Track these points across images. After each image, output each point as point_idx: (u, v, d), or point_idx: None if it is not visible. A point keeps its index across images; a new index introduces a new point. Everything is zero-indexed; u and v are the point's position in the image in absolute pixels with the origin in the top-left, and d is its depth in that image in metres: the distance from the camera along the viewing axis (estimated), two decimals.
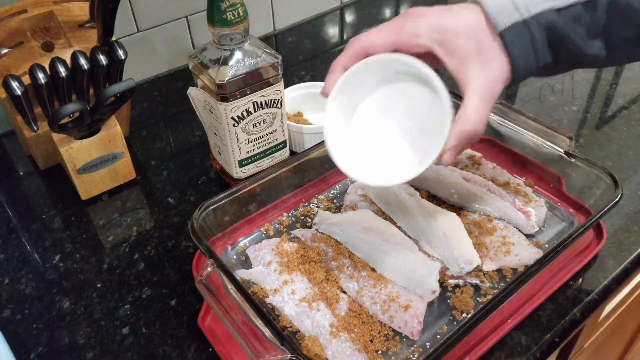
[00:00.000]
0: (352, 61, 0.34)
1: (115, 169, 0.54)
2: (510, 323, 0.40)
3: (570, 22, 0.32)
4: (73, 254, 0.49)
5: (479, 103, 0.32)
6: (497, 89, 0.33)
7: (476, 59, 0.32)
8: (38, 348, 0.41)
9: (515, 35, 0.32)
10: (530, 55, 0.32)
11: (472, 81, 0.32)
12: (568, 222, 0.47)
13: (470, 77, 0.32)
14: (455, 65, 0.33)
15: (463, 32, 0.32)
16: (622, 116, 0.61)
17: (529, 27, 0.32)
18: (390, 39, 0.33)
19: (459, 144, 0.33)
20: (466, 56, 0.32)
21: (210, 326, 0.41)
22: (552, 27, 0.32)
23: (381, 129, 0.37)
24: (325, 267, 0.43)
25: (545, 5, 0.32)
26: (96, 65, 0.48)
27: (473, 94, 0.32)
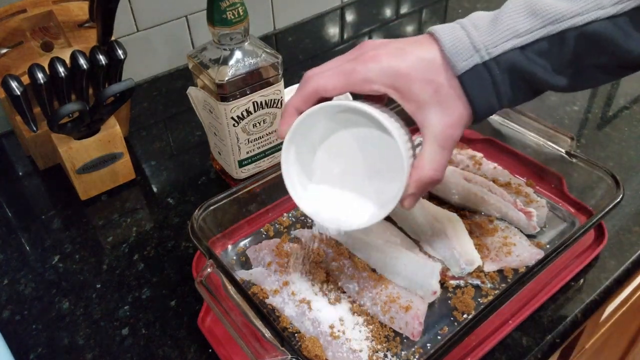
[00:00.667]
0: (304, 104, 0.33)
1: (115, 169, 0.54)
2: (511, 324, 0.40)
3: (535, 57, 0.30)
4: (72, 254, 0.49)
5: (435, 151, 0.31)
6: (455, 134, 0.31)
7: (433, 103, 0.31)
8: (37, 348, 0.41)
9: (474, 78, 0.30)
10: (491, 96, 0.31)
11: (429, 127, 0.31)
12: (569, 223, 0.47)
13: (427, 123, 0.31)
14: (412, 109, 0.31)
15: (418, 77, 0.31)
16: (623, 116, 0.61)
17: (490, 70, 0.30)
18: (341, 84, 0.32)
19: (417, 191, 0.32)
20: (422, 101, 0.31)
21: (209, 327, 0.41)
22: (515, 67, 0.30)
23: (340, 173, 0.36)
24: (325, 267, 0.43)
25: (507, 45, 0.30)
26: (95, 65, 0.47)
27: (430, 141, 0.31)
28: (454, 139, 0.32)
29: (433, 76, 0.31)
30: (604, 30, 0.29)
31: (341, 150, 0.36)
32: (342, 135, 0.36)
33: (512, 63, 0.30)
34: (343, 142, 0.36)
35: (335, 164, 0.36)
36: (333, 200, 0.36)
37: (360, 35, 0.80)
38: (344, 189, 0.36)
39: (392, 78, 0.31)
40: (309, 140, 0.35)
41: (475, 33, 0.30)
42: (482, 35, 0.30)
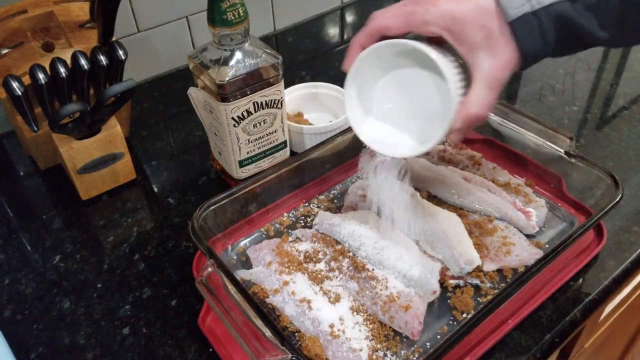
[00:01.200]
0: (368, 40, 0.37)
1: (115, 169, 0.54)
2: (511, 323, 0.40)
3: (583, 10, 0.32)
4: (73, 254, 0.49)
5: (484, 90, 0.34)
6: (503, 76, 0.34)
7: (484, 47, 0.33)
8: (38, 348, 0.41)
9: (524, 25, 0.33)
10: (538, 43, 0.33)
11: (479, 68, 0.34)
12: (568, 222, 0.47)
13: (478, 64, 0.34)
14: (465, 51, 0.34)
15: (472, 21, 0.33)
16: (622, 116, 0.61)
17: (539, 18, 0.32)
18: (402, 24, 0.35)
19: (463, 126, 0.35)
20: (475, 44, 0.33)
21: (210, 326, 0.41)
22: (564, 18, 0.32)
23: (393, 108, 0.40)
24: (325, 267, 0.43)
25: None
26: (96, 65, 0.47)
27: (479, 81, 0.34)
28: (501, 81, 0.34)
29: (486, 22, 0.33)
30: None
31: (397, 87, 0.39)
32: (399, 73, 0.39)
33: (560, 13, 0.32)
34: (399, 81, 0.39)
35: (390, 99, 0.40)
36: (386, 132, 0.40)
37: None
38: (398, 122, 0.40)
39: (448, 21, 0.34)
40: (369, 76, 0.39)
41: None
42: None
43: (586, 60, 0.70)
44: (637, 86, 0.65)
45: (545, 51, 0.34)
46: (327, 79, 0.70)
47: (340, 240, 0.45)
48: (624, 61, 0.70)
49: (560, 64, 0.69)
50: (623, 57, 0.71)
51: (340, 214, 0.48)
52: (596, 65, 0.69)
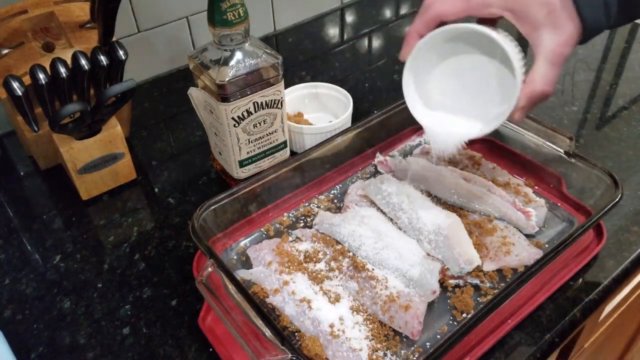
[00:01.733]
0: (425, 28, 0.37)
1: (116, 169, 0.54)
2: (510, 323, 0.40)
3: None
4: (73, 253, 0.49)
5: (547, 66, 0.34)
6: (566, 51, 0.34)
7: (547, 24, 0.33)
8: (38, 348, 0.41)
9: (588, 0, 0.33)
10: (601, 17, 0.33)
11: (542, 45, 0.34)
12: (568, 222, 0.47)
13: (540, 42, 0.34)
14: (527, 30, 0.34)
15: (533, 1, 0.33)
16: (622, 116, 0.61)
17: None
18: (461, 7, 0.35)
19: (528, 104, 0.35)
20: (537, 22, 0.33)
21: (210, 326, 0.41)
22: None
23: (453, 95, 0.40)
24: (325, 267, 0.43)
25: None
26: (97, 66, 0.48)
27: (542, 57, 0.34)
28: (565, 56, 0.34)
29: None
30: None
31: (454, 73, 0.40)
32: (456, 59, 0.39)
33: None
34: (456, 66, 0.39)
35: (449, 86, 0.40)
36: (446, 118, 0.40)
37: (360, 36, 0.81)
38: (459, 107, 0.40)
39: (509, 1, 0.34)
40: (428, 63, 0.39)
41: None
42: None
43: (586, 60, 0.70)
44: (637, 86, 0.65)
45: (608, 23, 0.34)
46: (327, 79, 0.71)
47: (340, 240, 0.45)
48: (623, 61, 0.70)
49: None
50: (622, 57, 0.71)
51: (340, 213, 0.48)
52: (596, 66, 0.69)
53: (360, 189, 0.50)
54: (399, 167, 0.52)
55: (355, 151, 0.54)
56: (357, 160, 0.54)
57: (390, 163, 0.53)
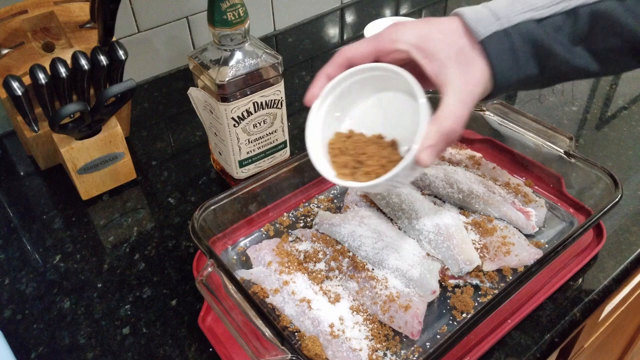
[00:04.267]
0: (335, 71, 0.35)
1: (116, 169, 0.54)
2: (510, 323, 0.40)
3: (551, 31, 0.32)
4: (73, 253, 0.49)
5: (456, 103, 0.32)
6: (476, 92, 0.33)
7: (455, 62, 0.32)
8: (38, 348, 0.41)
9: (495, 42, 0.32)
10: (510, 63, 0.33)
11: (450, 83, 0.32)
12: (568, 222, 0.47)
13: (448, 80, 0.32)
14: (434, 68, 0.33)
15: (442, 39, 0.33)
16: (621, 116, 0.61)
17: (509, 36, 0.32)
18: (370, 47, 0.34)
19: (436, 142, 0.32)
20: (445, 60, 0.32)
21: (210, 326, 0.41)
22: (533, 37, 0.32)
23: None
24: (325, 267, 0.43)
25: (525, 15, 0.32)
26: (96, 66, 0.48)
27: (451, 94, 0.32)
28: (474, 96, 0.33)
29: (455, 39, 0.33)
30: (612, 11, 0.30)
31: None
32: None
33: (529, 32, 0.32)
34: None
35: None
36: None
37: (360, 36, 0.81)
38: None
39: (417, 38, 0.33)
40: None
41: (495, 6, 0.33)
42: (501, 8, 0.33)
43: None
44: (637, 86, 0.65)
45: (519, 74, 0.33)
46: None
47: (340, 240, 0.45)
48: None
49: None
50: None
51: (340, 213, 0.48)
52: None
53: None
54: None
55: None
56: None
57: None
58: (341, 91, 0.36)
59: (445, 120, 0.32)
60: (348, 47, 0.35)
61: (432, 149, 0.32)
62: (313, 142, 0.36)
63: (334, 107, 0.37)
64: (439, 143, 0.32)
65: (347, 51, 0.35)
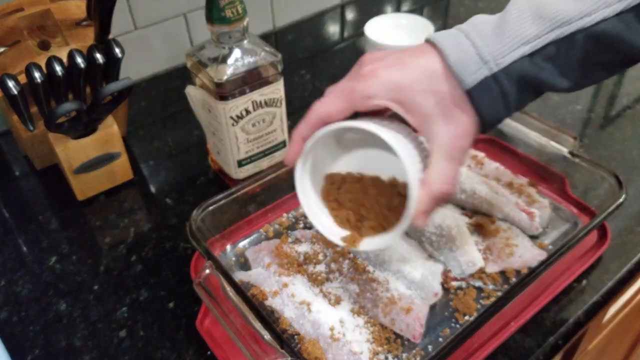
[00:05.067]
0: (309, 131, 0.33)
1: (112, 169, 0.53)
2: (513, 325, 0.39)
3: (543, 63, 0.29)
4: (69, 255, 0.48)
5: (444, 163, 0.30)
6: (464, 144, 0.30)
7: (438, 115, 0.30)
8: (34, 350, 0.41)
9: (484, 91, 0.29)
10: (500, 107, 0.30)
11: (436, 139, 0.30)
12: (571, 223, 0.46)
13: (434, 135, 0.30)
14: (418, 122, 0.30)
15: (420, 88, 0.30)
16: (626, 115, 0.60)
17: (499, 81, 0.29)
18: (343, 105, 0.31)
19: (428, 208, 0.30)
20: (427, 113, 0.30)
21: (208, 329, 0.40)
22: (524, 76, 0.29)
23: None
24: (325, 268, 0.42)
25: (516, 53, 0.29)
26: (93, 64, 0.47)
27: (439, 154, 0.30)
28: (463, 149, 0.31)
29: (436, 86, 0.30)
30: (611, 29, 0.28)
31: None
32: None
33: (521, 72, 0.29)
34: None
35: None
36: None
37: (360, 33, 0.80)
38: None
39: (393, 91, 0.30)
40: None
41: (481, 43, 0.29)
42: (488, 45, 0.29)
43: None
44: None
45: (508, 113, 0.31)
46: (328, 77, 0.70)
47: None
48: None
49: None
50: None
51: None
52: None
53: None
54: None
55: None
56: None
57: None
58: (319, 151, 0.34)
59: (436, 183, 0.30)
60: (321, 105, 0.32)
61: (426, 214, 0.31)
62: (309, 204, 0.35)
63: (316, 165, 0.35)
64: (432, 206, 0.31)
65: (321, 111, 0.32)
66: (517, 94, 0.30)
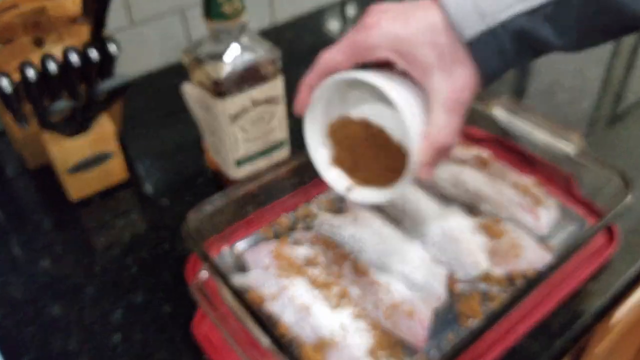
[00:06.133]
0: (316, 80, 0.34)
1: (107, 169, 0.53)
2: (519, 329, 0.38)
3: (541, 21, 0.30)
4: (64, 256, 0.48)
5: (444, 115, 0.31)
6: (464, 97, 0.31)
7: (439, 67, 0.31)
8: (29, 353, 0.40)
9: (482, 44, 0.30)
10: (499, 61, 0.31)
11: (436, 92, 0.31)
12: (578, 224, 0.46)
13: (434, 87, 0.31)
14: (419, 75, 0.31)
15: (421, 40, 0.31)
16: (633, 114, 0.60)
17: (497, 36, 0.30)
18: (347, 55, 0.33)
19: (429, 160, 0.31)
20: (427, 64, 0.31)
21: (205, 332, 0.40)
22: (522, 32, 0.30)
23: None
24: (325, 270, 0.41)
25: (514, 9, 0.30)
26: (88, 61, 0.46)
27: (438, 106, 0.31)
28: (463, 102, 0.31)
29: (436, 39, 0.30)
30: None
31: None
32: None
33: (519, 28, 0.30)
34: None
35: None
36: None
37: None
38: None
39: (395, 43, 0.31)
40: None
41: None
42: (486, 2, 0.30)
43: (596, 55, 0.69)
44: None
45: (505, 68, 0.31)
46: None
47: (342, 243, 0.43)
48: (634, 57, 0.69)
49: (570, 60, 0.67)
50: (633, 53, 0.69)
51: (341, 215, 0.46)
52: (606, 62, 0.68)
53: None
54: None
55: None
56: None
57: None
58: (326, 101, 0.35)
59: (437, 135, 0.31)
60: (326, 53, 0.34)
61: (430, 166, 0.31)
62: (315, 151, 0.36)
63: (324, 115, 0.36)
64: (435, 159, 0.31)
65: (327, 59, 0.34)
66: (515, 50, 0.31)
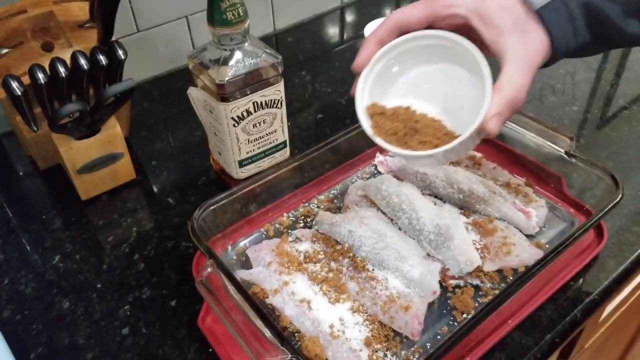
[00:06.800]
0: (386, 35, 0.34)
1: (115, 169, 0.54)
2: (511, 323, 0.40)
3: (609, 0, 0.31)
4: (72, 254, 0.49)
5: (518, 71, 0.32)
6: (536, 59, 0.32)
7: (514, 30, 0.32)
8: (37, 348, 0.41)
9: (552, 11, 0.32)
10: (568, 31, 0.32)
11: (510, 51, 0.32)
12: (568, 222, 0.47)
13: (508, 47, 0.32)
14: (493, 36, 0.32)
15: (498, 6, 0.32)
16: (622, 116, 0.61)
17: (567, 4, 0.32)
18: (424, 12, 0.33)
19: (501, 110, 0.31)
20: (503, 27, 0.32)
21: (210, 326, 0.41)
22: (591, 5, 0.32)
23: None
24: (325, 267, 0.43)
25: None
26: (96, 65, 0.47)
27: (512, 62, 0.32)
28: (535, 63, 0.32)
29: (511, 7, 0.32)
30: None
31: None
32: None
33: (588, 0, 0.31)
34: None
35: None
36: None
37: (360, 35, 0.80)
38: None
39: (474, 3, 0.32)
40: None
41: None
42: None
43: (586, 60, 0.70)
44: (638, 86, 0.65)
45: (576, 42, 0.33)
46: (328, 79, 0.70)
47: (340, 240, 0.44)
48: (624, 61, 0.70)
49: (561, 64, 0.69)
50: (623, 57, 0.70)
51: (340, 214, 0.48)
52: (596, 65, 0.69)
53: (360, 189, 0.50)
54: (399, 167, 0.52)
55: (355, 151, 0.54)
56: (357, 160, 0.54)
57: (390, 163, 0.53)
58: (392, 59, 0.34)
59: (508, 88, 0.31)
60: (400, 11, 0.34)
61: (499, 117, 0.32)
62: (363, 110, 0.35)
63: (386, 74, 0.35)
64: (505, 111, 0.32)
65: (400, 15, 0.34)
66: (584, 22, 0.32)
